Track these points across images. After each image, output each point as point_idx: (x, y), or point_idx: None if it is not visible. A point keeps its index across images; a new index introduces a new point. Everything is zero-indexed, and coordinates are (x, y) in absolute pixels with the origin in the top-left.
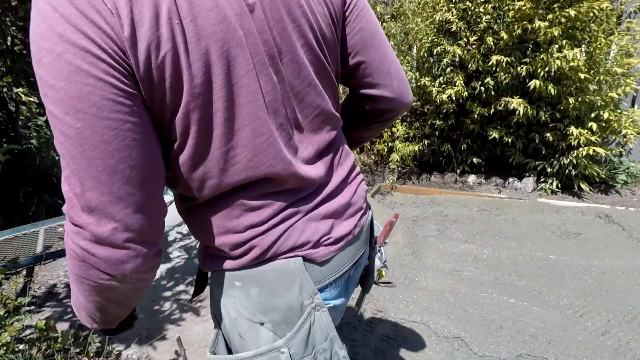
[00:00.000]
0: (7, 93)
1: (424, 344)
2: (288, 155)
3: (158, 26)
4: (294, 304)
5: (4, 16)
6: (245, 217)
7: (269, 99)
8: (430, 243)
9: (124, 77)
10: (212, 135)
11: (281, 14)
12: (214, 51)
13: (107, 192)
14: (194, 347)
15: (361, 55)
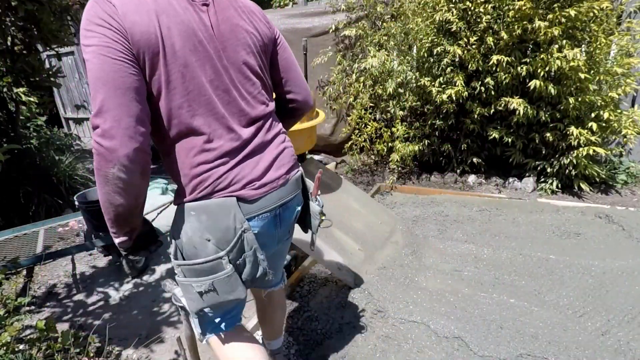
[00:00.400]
0: (7, 93)
1: (424, 344)
2: (226, 114)
3: (150, 34)
4: (230, 228)
5: (4, 16)
6: (199, 156)
7: (210, 78)
8: (430, 243)
9: (130, 55)
10: (174, 92)
11: (229, 33)
12: (181, 48)
13: (112, 102)
14: None
15: (285, 74)
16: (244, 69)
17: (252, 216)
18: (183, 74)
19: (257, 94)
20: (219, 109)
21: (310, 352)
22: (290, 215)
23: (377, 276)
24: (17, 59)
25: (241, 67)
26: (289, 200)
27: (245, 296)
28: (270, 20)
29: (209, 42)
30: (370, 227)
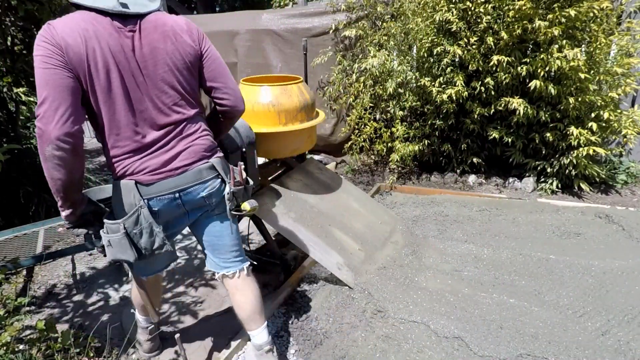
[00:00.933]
0: (7, 93)
1: (424, 344)
2: (136, 121)
3: (83, 55)
4: (130, 203)
5: (4, 16)
6: (112, 150)
7: (126, 93)
8: (430, 243)
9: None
10: (99, 102)
11: (149, 55)
12: (102, 67)
13: (51, 96)
14: (194, 347)
15: (213, 83)
16: (160, 84)
17: (150, 197)
18: (104, 88)
19: (172, 104)
20: (129, 117)
21: (310, 352)
22: (193, 198)
23: (377, 276)
24: (17, 59)
25: (157, 82)
26: (189, 187)
27: (134, 259)
28: (201, 38)
29: (130, 62)
30: (370, 227)
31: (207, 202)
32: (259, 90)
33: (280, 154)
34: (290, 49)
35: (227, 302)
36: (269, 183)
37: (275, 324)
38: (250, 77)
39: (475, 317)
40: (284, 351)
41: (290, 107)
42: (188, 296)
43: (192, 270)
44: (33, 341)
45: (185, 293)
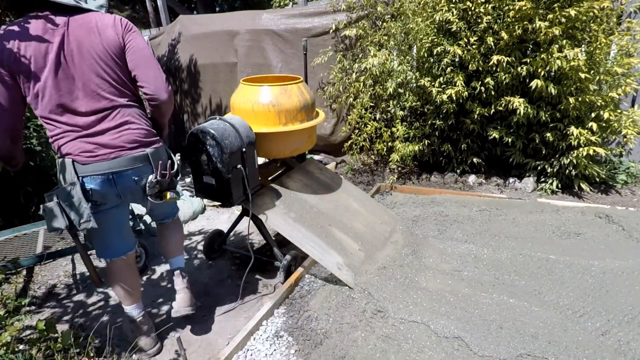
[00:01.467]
0: None
1: (424, 344)
2: (69, 108)
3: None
4: (68, 179)
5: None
6: (55, 130)
7: (57, 84)
8: (430, 243)
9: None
10: (38, 94)
11: (76, 49)
12: (34, 63)
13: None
14: (194, 347)
15: (134, 71)
16: (88, 74)
17: (85, 175)
18: (39, 83)
19: (101, 92)
20: (62, 104)
21: (310, 352)
22: (126, 180)
23: (377, 276)
24: None
25: (85, 72)
26: (123, 170)
27: (64, 228)
28: (125, 32)
29: (58, 56)
30: (370, 227)
31: (137, 186)
32: (258, 90)
33: (280, 154)
34: (290, 49)
35: (227, 301)
36: (269, 183)
37: (275, 324)
38: (250, 77)
39: (475, 317)
40: (283, 351)
41: (290, 107)
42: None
43: (192, 270)
44: (33, 341)
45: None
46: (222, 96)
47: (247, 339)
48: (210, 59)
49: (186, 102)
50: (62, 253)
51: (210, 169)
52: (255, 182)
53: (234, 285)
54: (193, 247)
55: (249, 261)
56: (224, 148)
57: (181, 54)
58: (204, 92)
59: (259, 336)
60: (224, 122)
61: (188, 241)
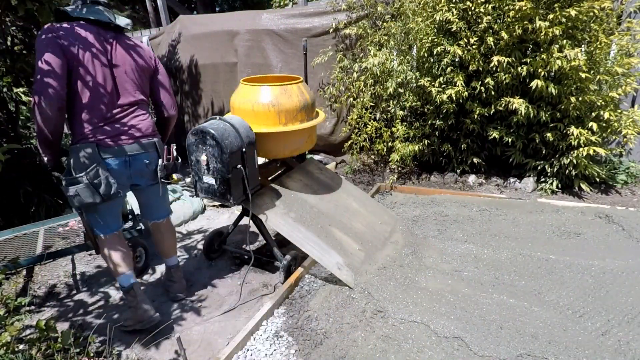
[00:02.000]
0: (7, 93)
1: (424, 344)
2: (105, 101)
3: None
4: (90, 161)
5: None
6: (87, 118)
7: (100, 81)
8: (430, 243)
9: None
10: (79, 88)
11: (120, 59)
12: (87, 62)
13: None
14: (194, 347)
15: (159, 91)
16: (126, 79)
17: (107, 157)
18: (89, 77)
19: (132, 91)
20: (102, 97)
21: (310, 352)
22: (138, 164)
23: (377, 276)
24: (17, 59)
25: (124, 77)
26: (137, 154)
27: (100, 200)
28: (156, 62)
29: (108, 61)
30: (370, 227)
31: (148, 169)
32: (259, 90)
33: (280, 154)
34: (290, 49)
35: (227, 301)
36: (269, 183)
37: (275, 324)
38: (250, 77)
39: (475, 317)
40: (283, 351)
41: (290, 107)
42: (189, 294)
43: (193, 270)
44: (33, 341)
45: (187, 292)
46: (222, 96)
47: (247, 339)
48: (210, 59)
49: (186, 102)
50: (62, 253)
51: (210, 169)
52: (255, 182)
53: (234, 285)
54: (193, 246)
55: (249, 261)
56: (224, 148)
57: (181, 54)
58: (204, 92)
59: (259, 336)
60: (224, 122)
61: (188, 240)
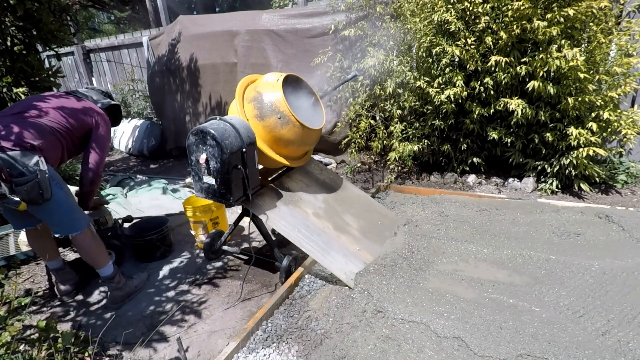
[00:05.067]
0: (7, 93)
1: (424, 344)
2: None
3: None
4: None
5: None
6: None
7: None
8: (430, 243)
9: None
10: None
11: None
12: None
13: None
14: (194, 347)
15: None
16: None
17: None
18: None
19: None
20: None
21: (310, 352)
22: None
23: (377, 276)
24: (17, 59)
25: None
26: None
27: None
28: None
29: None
30: (370, 227)
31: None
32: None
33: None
34: (290, 49)
35: (227, 301)
36: (269, 183)
37: (275, 324)
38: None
39: (475, 317)
40: (283, 351)
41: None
42: (190, 294)
43: (194, 270)
44: (33, 341)
45: (187, 292)
46: (222, 96)
47: (247, 339)
48: (210, 59)
49: (187, 102)
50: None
51: (211, 169)
52: (256, 182)
53: (234, 285)
54: (193, 247)
55: (249, 261)
56: (224, 148)
57: (181, 54)
58: (204, 92)
59: (259, 336)
60: (224, 122)
61: (189, 240)
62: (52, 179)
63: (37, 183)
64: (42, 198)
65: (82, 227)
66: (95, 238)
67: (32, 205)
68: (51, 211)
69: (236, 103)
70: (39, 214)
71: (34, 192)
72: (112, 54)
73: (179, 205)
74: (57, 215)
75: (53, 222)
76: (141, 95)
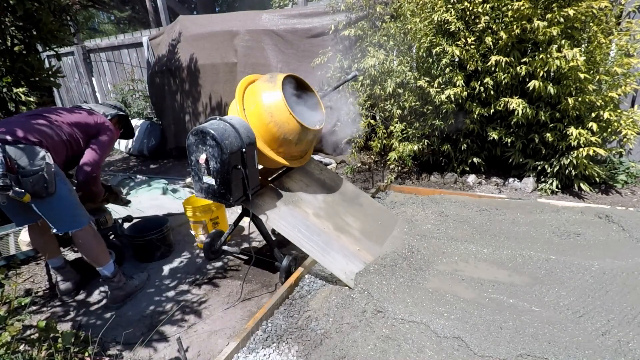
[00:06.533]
0: (7, 93)
1: (424, 344)
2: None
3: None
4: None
5: (3, 16)
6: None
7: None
8: (430, 243)
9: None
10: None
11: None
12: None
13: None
14: (194, 347)
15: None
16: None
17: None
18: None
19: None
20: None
21: (310, 352)
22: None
23: (377, 276)
24: (17, 59)
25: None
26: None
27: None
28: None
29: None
30: (370, 227)
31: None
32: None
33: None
34: (290, 49)
35: (227, 301)
36: (269, 183)
37: (275, 324)
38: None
39: (475, 317)
40: (284, 351)
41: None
42: (190, 294)
43: (195, 270)
44: (33, 341)
45: (187, 292)
46: (222, 96)
47: (247, 339)
48: (210, 59)
49: (187, 102)
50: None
51: (210, 169)
52: (255, 182)
53: (234, 285)
54: (193, 247)
55: (249, 261)
56: (224, 148)
57: (181, 54)
58: (204, 92)
59: (259, 336)
60: (224, 122)
61: (190, 239)
62: (57, 174)
63: (43, 176)
64: (47, 192)
65: (83, 223)
66: (97, 236)
67: (36, 198)
68: (53, 206)
69: (236, 103)
70: (41, 209)
71: (39, 184)
72: (112, 54)
73: (179, 205)
74: (58, 211)
75: (54, 217)
76: (141, 95)
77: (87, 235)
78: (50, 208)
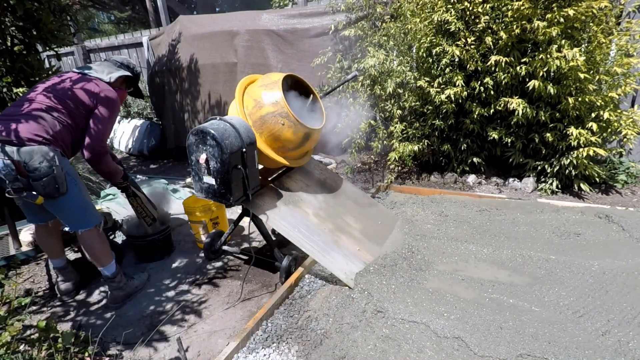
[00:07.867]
0: (7, 93)
1: (424, 344)
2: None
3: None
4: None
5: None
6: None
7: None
8: (431, 243)
9: None
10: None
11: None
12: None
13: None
14: (194, 347)
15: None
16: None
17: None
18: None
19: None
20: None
21: (310, 352)
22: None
23: (377, 276)
24: (17, 59)
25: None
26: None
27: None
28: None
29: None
30: (370, 227)
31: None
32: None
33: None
34: (290, 49)
35: (227, 301)
36: (269, 183)
37: (275, 324)
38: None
39: (475, 317)
40: (284, 351)
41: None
42: (190, 294)
43: (195, 270)
44: (33, 341)
45: (187, 292)
46: (222, 96)
47: (247, 339)
48: (210, 59)
49: (187, 102)
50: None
51: (211, 169)
52: (256, 182)
53: (234, 285)
54: (193, 247)
55: (249, 261)
56: (224, 148)
57: (181, 54)
58: (204, 91)
59: (259, 336)
60: (224, 122)
61: (190, 239)
62: (67, 174)
63: (53, 178)
64: (59, 192)
65: (92, 223)
66: (102, 236)
67: (49, 199)
68: (64, 206)
69: (236, 103)
70: (53, 208)
71: (50, 186)
72: (112, 54)
73: (179, 205)
74: (68, 210)
75: (65, 216)
76: None
77: (92, 235)
78: (60, 208)
